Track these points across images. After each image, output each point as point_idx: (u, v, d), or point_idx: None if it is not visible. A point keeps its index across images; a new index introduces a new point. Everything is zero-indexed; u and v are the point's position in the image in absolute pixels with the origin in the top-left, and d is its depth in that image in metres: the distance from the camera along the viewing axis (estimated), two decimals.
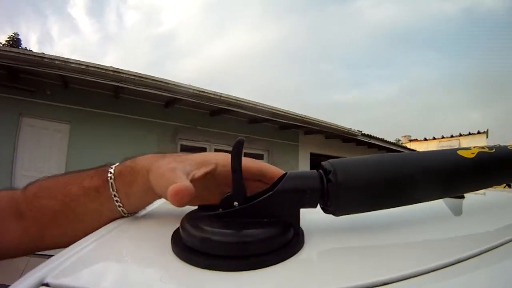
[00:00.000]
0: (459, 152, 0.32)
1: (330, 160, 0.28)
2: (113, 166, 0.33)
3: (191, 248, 0.23)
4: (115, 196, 0.32)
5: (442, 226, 0.35)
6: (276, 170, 0.31)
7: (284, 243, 0.24)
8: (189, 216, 0.26)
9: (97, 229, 0.35)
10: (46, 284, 0.19)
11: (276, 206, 0.26)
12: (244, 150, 0.27)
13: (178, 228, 0.26)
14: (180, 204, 0.24)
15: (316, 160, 6.67)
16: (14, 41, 13.18)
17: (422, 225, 0.34)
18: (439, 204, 0.48)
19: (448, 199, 0.49)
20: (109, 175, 0.33)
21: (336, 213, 0.28)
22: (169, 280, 0.21)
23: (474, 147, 0.33)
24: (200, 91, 4.12)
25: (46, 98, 3.82)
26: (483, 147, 0.33)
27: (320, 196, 0.27)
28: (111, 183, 0.32)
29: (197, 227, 0.24)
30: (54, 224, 0.34)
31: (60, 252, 0.24)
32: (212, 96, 4.17)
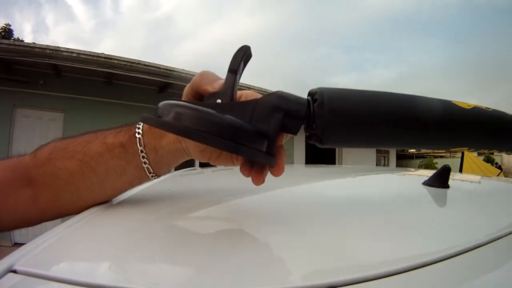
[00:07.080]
0: (454, 102, 0.30)
1: (320, 87, 0.27)
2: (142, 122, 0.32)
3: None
4: (141, 152, 0.31)
5: (428, 218, 0.32)
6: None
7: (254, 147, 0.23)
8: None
9: (119, 191, 0.34)
10: (14, 271, 0.18)
11: (257, 116, 0.25)
12: None
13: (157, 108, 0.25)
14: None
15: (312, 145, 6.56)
16: (6, 32, 13.00)
17: (405, 215, 0.32)
18: (423, 193, 0.45)
19: (431, 188, 0.45)
20: (137, 130, 0.31)
21: (322, 141, 0.26)
22: (142, 268, 0.20)
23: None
24: (192, 75, 4.07)
25: (39, 88, 3.79)
26: (479, 105, 0.31)
27: (306, 122, 0.26)
28: (139, 138, 0.31)
29: (172, 104, 0.23)
30: (69, 188, 0.32)
31: (32, 240, 0.23)
32: None
